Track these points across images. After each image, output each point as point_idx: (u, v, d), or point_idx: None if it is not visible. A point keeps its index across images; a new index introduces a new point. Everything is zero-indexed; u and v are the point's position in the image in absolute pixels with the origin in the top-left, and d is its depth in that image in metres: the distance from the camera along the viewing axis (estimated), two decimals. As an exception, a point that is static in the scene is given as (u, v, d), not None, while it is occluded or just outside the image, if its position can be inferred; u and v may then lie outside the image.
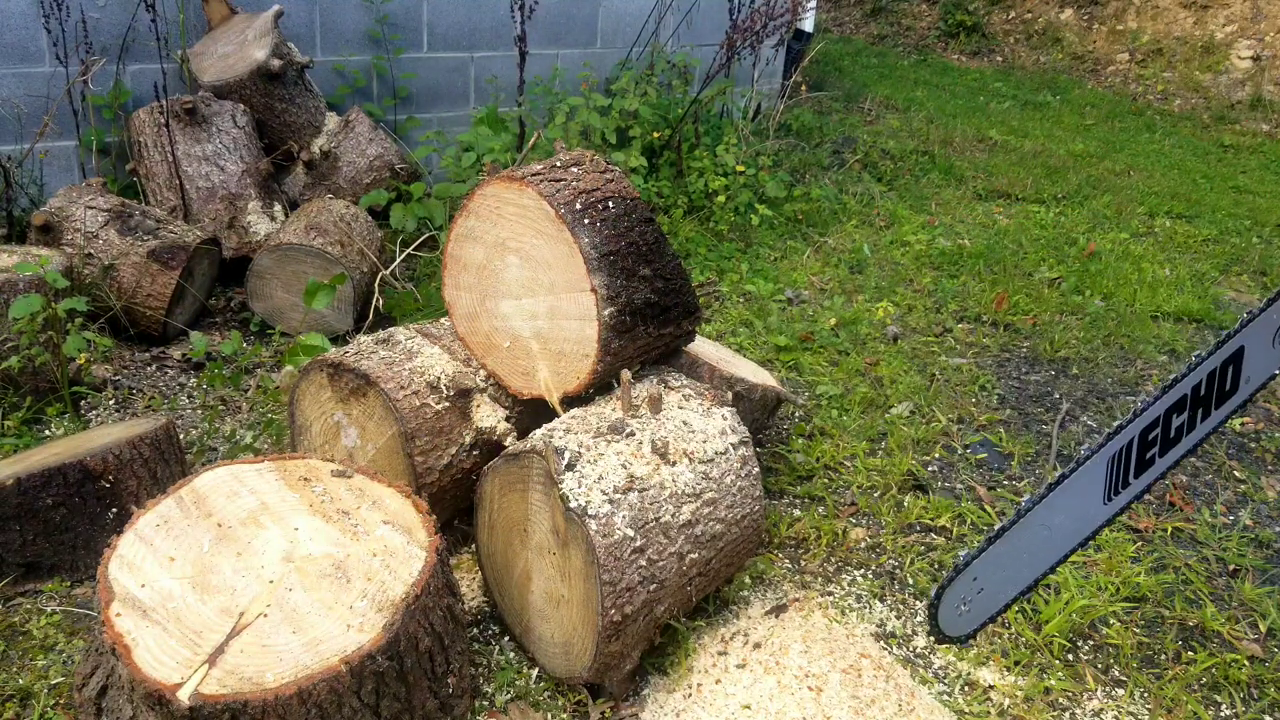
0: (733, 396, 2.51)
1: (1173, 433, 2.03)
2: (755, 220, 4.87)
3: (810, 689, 2.17)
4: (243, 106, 3.99)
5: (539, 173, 2.27)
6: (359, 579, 1.77)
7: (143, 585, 1.69)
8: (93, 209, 3.39)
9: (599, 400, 2.29)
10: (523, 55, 4.40)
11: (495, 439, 2.40)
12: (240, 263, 3.78)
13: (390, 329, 2.55)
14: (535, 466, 2.02)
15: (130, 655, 1.57)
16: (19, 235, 3.67)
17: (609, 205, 2.27)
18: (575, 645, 2.04)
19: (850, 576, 2.59)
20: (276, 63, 3.98)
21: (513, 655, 2.20)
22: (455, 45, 4.94)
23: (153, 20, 3.86)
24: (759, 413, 2.84)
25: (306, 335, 3.00)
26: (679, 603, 2.15)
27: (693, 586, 2.16)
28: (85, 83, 3.86)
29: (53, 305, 2.74)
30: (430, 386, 2.35)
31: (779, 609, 2.41)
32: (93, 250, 3.34)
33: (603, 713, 2.07)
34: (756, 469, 2.29)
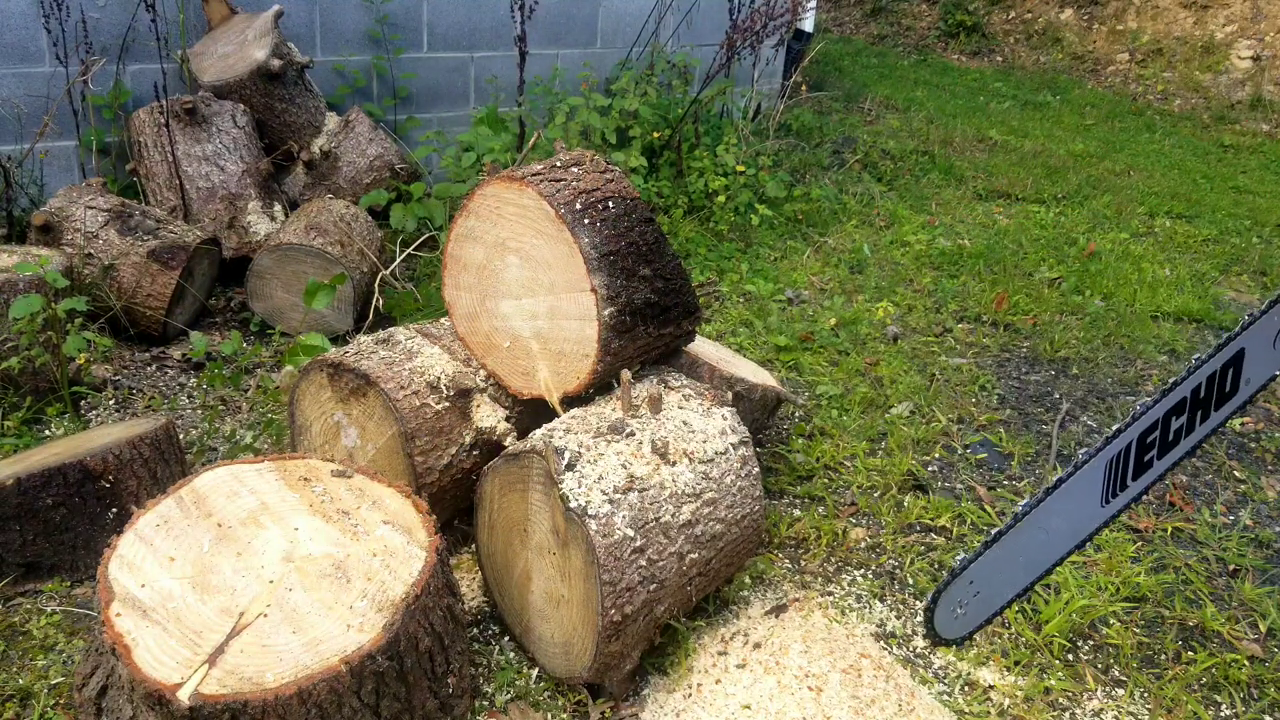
0: (733, 396, 2.51)
1: (1171, 435, 2.03)
2: (755, 220, 4.87)
3: (810, 689, 2.17)
4: (243, 106, 3.99)
5: (539, 173, 2.27)
6: (359, 579, 1.77)
7: (143, 585, 1.69)
8: (93, 209, 3.39)
9: (599, 400, 2.29)
10: (523, 55, 4.40)
11: (495, 439, 2.40)
12: (240, 263, 3.78)
13: (390, 329, 2.55)
14: (535, 466, 2.02)
15: (130, 655, 1.57)
16: (19, 235, 3.67)
17: (609, 205, 2.27)
18: (575, 645, 2.04)
19: (850, 576, 2.59)
20: (276, 63, 3.98)
21: (513, 655, 2.20)
22: (455, 45, 4.94)
23: (153, 20, 3.86)
24: (759, 413, 2.84)
25: (306, 335, 3.00)
26: (679, 603, 2.15)
27: (693, 586, 2.16)
28: (85, 83, 3.86)
29: (53, 305, 2.74)
30: (430, 386, 2.35)
31: (779, 609, 2.41)
32: (93, 250, 3.34)
33: (603, 713, 2.07)
34: (756, 469, 2.29)
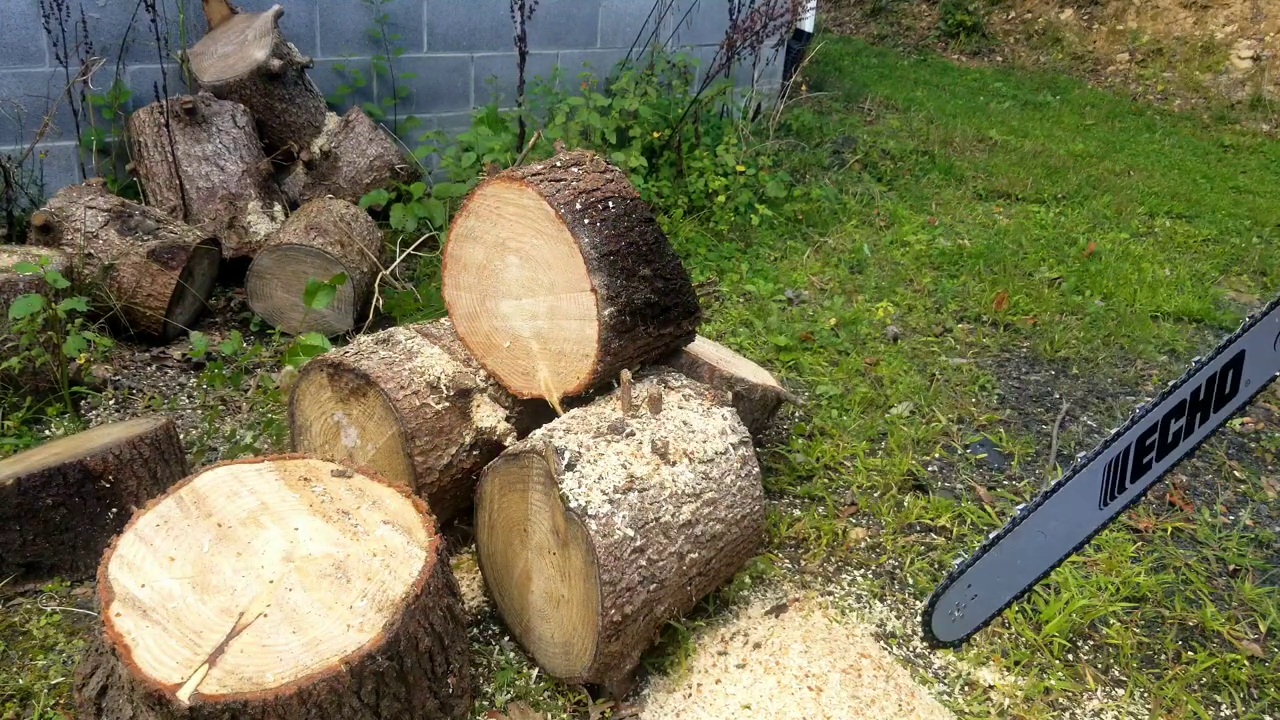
0: (733, 396, 2.51)
1: (1170, 437, 2.03)
2: (755, 220, 4.87)
3: (810, 689, 2.17)
4: (243, 106, 3.99)
5: (539, 173, 2.27)
6: (359, 579, 1.77)
7: (143, 585, 1.69)
8: (93, 209, 3.39)
9: (599, 400, 2.29)
10: (523, 55, 4.40)
11: (495, 439, 2.40)
12: (240, 263, 3.78)
13: (390, 329, 2.55)
14: (535, 466, 2.02)
15: (130, 655, 1.57)
16: (19, 235, 3.68)
17: (609, 205, 2.27)
18: (575, 645, 2.04)
19: (850, 576, 2.59)
20: (276, 63, 3.98)
21: (513, 655, 2.20)
22: (455, 45, 4.94)
23: (153, 20, 3.86)
24: (759, 413, 2.84)
25: (306, 335, 3.00)
26: (679, 603, 2.15)
27: (693, 586, 2.16)
28: (85, 83, 3.86)
29: (53, 305, 2.74)
30: (430, 386, 2.35)
31: (779, 609, 2.41)
32: (93, 250, 3.34)
33: (603, 713, 2.07)
34: (756, 469, 2.29)
